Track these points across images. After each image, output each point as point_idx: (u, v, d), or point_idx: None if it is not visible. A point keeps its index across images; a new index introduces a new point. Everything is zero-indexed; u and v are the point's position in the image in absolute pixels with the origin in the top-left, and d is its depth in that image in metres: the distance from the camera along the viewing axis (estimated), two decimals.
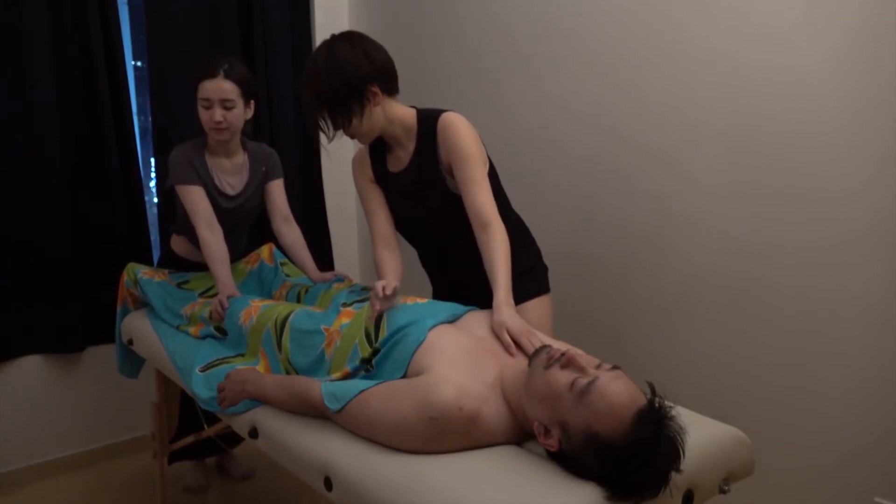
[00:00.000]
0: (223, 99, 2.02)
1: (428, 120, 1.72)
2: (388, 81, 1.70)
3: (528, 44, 2.41)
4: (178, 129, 2.74)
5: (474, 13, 2.59)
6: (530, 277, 1.83)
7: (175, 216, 2.28)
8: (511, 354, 1.42)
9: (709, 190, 1.98)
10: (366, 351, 1.50)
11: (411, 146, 1.74)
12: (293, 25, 2.98)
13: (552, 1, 2.31)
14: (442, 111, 1.72)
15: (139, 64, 3.08)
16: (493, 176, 1.75)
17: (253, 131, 2.26)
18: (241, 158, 2.19)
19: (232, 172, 2.17)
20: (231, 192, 2.18)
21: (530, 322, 1.56)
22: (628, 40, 2.11)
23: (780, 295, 1.87)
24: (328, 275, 2.16)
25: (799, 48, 1.75)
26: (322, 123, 1.69)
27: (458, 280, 1.78)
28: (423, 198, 1.75)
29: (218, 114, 2.02)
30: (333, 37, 1.68)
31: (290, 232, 2.25)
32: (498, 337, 1.47)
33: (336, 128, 1.69)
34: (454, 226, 1.74)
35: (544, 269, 1.90)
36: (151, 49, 2.70)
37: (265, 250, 2.38)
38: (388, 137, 1.76)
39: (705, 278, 2.02)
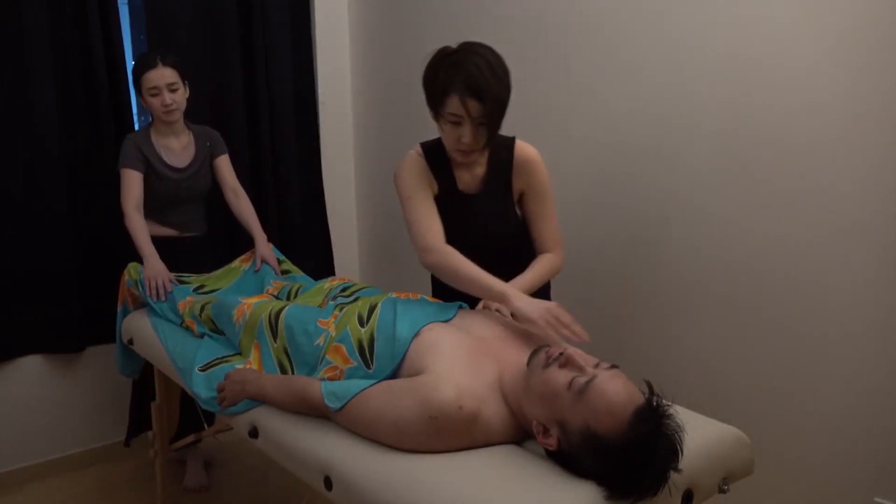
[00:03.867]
0: (168, 83, 2.27)
1: (503, 145, 1.72)
2: None
3: (526, 43, 2.41)
4: None
5: (473, 13, 2.59)
6: (545, 291, 1.86)
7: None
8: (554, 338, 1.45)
9: (709, 189, 1.98)
10: (357, 332, 1.51)
11: (481, 169, 1.74)
12: (293, 25, 2.98)
13: (550, 0, 2.31)
14: (513, 139, 1.74)
15: None
16: None
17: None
18: (187, 138, 2.44)
19: (179, 151, 2.41)
20: (180, 165, 2.40)
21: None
22: (626, 39, 2.11)
23: (781, 295, 1.87)
24: (269, 255, 2.35)
25: (797, 46, 1.75)
26: (477, 130, 1.58)
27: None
28: (488, 217, 1.76)
29: (167, 98, 2.27)
30: (476, 43, 1.59)
31: (238, 202, 2.51)
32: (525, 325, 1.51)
33: (490, 137, 1.61)
34: (502, 245, 1.77)
35: (548, 289, 1.90)
36: (151, 49, 2.70)
37: None
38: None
39: (705, 278, 2.02)
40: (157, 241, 2.30)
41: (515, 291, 1.55)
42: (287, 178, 2.98)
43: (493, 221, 1.76)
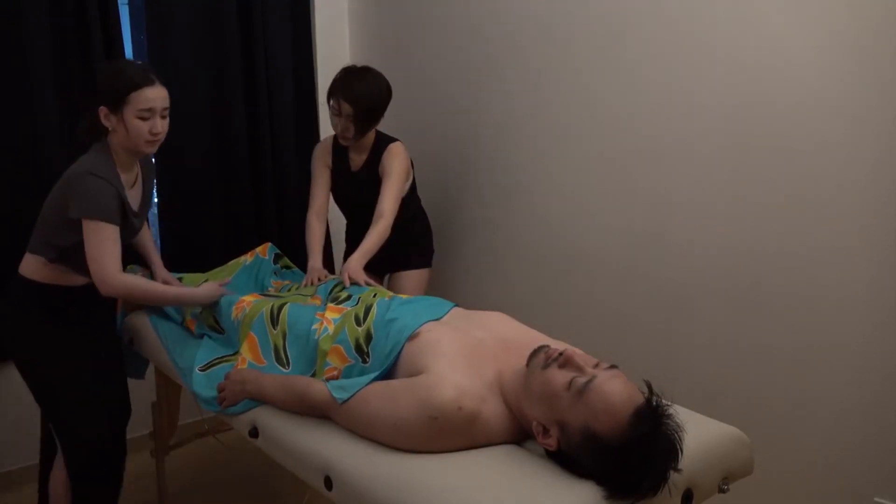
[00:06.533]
0: (165, 108, 1.85)
1: (382, 142, 2.37)
2: None
3: (526, 44, 2.41)
4: (178, 130, 2.73)
5: (473, 13, 2.59)
6: (418, 254, 2.53)
7: (46, 237, 1.95)
8: (345, 283, 1.94)
9: (708, 190, 1.98)
10: (354, 332, 1.55)
11: (365, 155, 2.39)
12: (293, 25, 2.98)
13: (550, 1, 2.31)
14: (392, 140, 2.38)
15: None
16: (413, 188, 2.47)
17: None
18: (136, 170, 1.98)
19: (132, 185, 1.96)
20: (136, 208, 1.97)
21: (405, 288, 2.45)
22: (625, 40, 2.11)
23: (781, 294, 1.87)
24: (170, 279, 2.15)
25: (796, 47, 1.75)
26: (343, 125, 2.23)
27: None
28: (365, 190, 2.37)
29: (159, 124, 1.83)
30: (370, 67, 2.30)
31: (143, 231, 2.16)
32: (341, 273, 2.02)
33: (358, 132, 2.25)
34: (372, 211, 2.31)
35: (431, 251, 2.59)
36: (151, 49, 2.70)
37: (261, 249, 2.40)
38: (355, 144, 2.37)
39: (705, 278, 2.02)
40: (65, 290, 1.91)
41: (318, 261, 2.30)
42: (287, 177, 2.98)
43: (364, 193, 2.37)
